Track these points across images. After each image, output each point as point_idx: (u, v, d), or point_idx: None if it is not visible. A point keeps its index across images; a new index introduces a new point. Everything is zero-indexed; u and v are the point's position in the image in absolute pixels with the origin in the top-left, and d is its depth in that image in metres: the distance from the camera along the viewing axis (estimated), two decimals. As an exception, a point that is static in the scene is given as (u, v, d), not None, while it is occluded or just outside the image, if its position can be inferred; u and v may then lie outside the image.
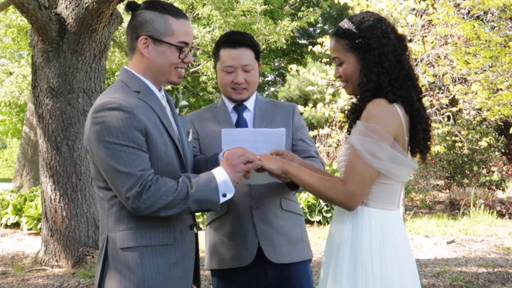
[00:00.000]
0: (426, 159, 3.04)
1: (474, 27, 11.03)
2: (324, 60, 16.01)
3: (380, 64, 2.81)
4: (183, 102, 3.28)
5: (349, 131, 2.90)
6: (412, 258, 2.97)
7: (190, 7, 18.96)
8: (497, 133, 19.61)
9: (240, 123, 3.85)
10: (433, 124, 13.62)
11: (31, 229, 13.10)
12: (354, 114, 2.93)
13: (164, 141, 2.83)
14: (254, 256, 3.65)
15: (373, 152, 2.72)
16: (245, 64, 3.76)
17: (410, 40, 11.98)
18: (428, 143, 2.95)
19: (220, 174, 2.81)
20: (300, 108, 12.02)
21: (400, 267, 2.81)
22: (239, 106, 3.88)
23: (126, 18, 16.62)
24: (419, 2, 11.83)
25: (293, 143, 3.82)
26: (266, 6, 20.35)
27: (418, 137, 2.87)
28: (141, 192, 2.62)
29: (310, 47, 13.54)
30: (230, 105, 3.90)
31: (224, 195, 2.81)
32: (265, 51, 25.35)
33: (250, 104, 3.90)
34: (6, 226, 13.75)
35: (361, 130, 2.75)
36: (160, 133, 2.82)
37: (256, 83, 3.86)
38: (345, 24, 2.94)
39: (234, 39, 3.84)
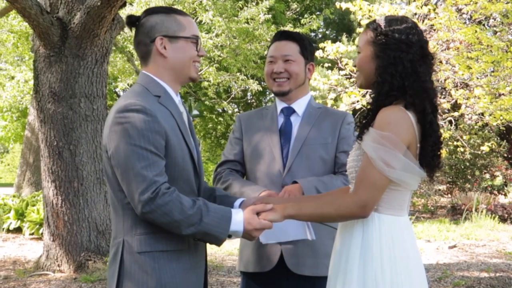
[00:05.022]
0: (434, 176, 3.01)
1: (476, 32, 11.02)
2: (326, 65, 15.97)
3: (394, 66, 2.79)
4: (195, 111, 3.29)
5: (360, 137, 2.88)
6: (421, 263, 2.94)
7: (193, 11, 18.96)
8: (499, 138, 19.59)
9: (286, 127, 3.83)
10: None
11: (33, 234, 13.10)
12: (366, 120, 2.90)
13: (181, 146, 2.84)
14: (274, 263, 3.64)
15: (386, 160, 2.69)
16: (285, 54, 3.77)
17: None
18: (437, 161, 2.92)
19: (237, 220, 2.81)
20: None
21: (409, 273, 2.78)
22: (287, 109, 3.86)
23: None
24: (421, 7, 11.84)
25: (336, 154, 3.73)
26: (270, 15, 20.28)
27: (428, 150, 2.83)
28: (154, 199, 2.63)
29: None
30: (279, 107, 3.89)
31: (230, 236, 2.82)
32: (266, 56, 25.28)
33: (299, 107, 3.86)
34: (8, 231, 13.74)
35: (375, 138, 2.72)
36: (178, 138, 2.83)
37: (298, 76, 3.81)
38: (380, 18, 2.95)
39: (281, 33, 3.91)
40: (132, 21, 2.97)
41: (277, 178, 3.71)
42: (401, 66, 2.80)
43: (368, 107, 2.94)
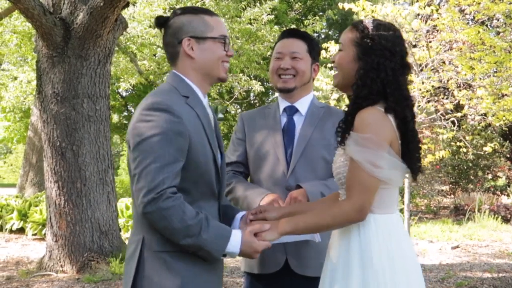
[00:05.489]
0: (417, 179, 3.06)
1: (479, 32, 11.02)
2: (329, 65, 15.91)
3: (376, 72, 2.80)
4: (220, 115, 3.26)
5: (343, 143, 2.88)
6: (416, 259, 2.98)
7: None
8: (501, 139, 19.59)
9: (289, 126, 3.82)
10: (438, 130, 13.62)
11: (35, 234, 13.13)
12: (346, 125, 2.89)
13: (205, 149, 2.83)
14: (280, 265, 3.64)
15: (373, 162, 2.71)
16: (293, 51, 3.77)
17: (415, 46, 11.99)
18: (418, 165, 2.94)
19: (235, 242, 2.79)
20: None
21: (407, 271, 2.81)
22: (290, 108, 3.85)
23: (131, 23, 16.57)
24: (424, 7, 11.83)
25: None
26: (273, 16, 20.26)
27: (409, 155, 2.87)
28: (157, 200, 2.60)
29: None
30: (282, 105, 3.87)
31: (224, 255, 2.81)
32: (269, 57, 25.30)
33: (302, 106, 3.85)
34: (11, 231, 13.79)
35: (357, 141, 2.74)
36: (202, 141, 2.82)
37: (305, 74, 3.80)
38: (368, 21, 2.95)
39: (290, 30, 3.93)
40: (161, 22, 2.98)
41: (281, 180, 3.71)
42: (384, 73, 2.81)
43: (346, 110, 2.95)
